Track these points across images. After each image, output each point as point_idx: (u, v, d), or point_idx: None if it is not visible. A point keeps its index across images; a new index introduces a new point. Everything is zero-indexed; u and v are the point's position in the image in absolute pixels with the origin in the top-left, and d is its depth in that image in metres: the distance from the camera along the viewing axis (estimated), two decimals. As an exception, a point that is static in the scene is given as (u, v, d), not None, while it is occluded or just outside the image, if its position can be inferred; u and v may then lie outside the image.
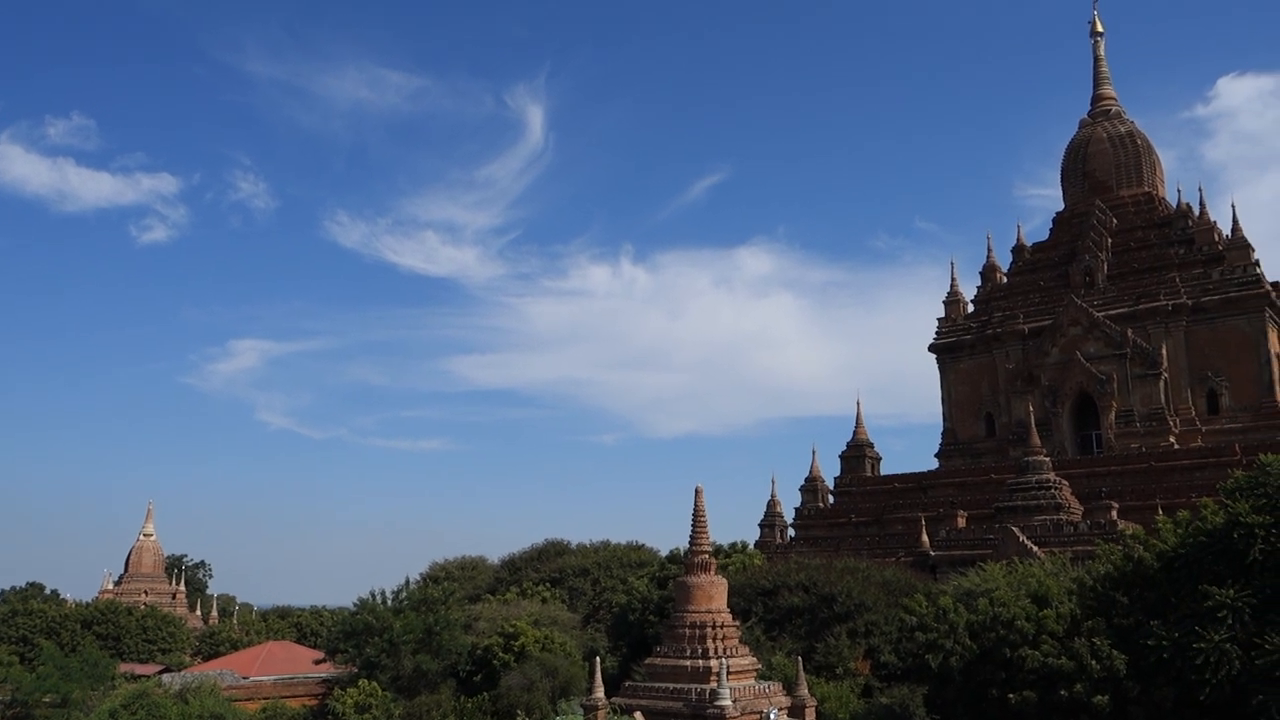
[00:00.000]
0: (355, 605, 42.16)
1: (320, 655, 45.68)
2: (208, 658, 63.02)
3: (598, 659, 23.72)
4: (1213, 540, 20.91)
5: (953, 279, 62.62)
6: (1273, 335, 51.61)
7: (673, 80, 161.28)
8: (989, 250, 63.42)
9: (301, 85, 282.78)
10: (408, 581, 44.86)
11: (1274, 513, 19.97)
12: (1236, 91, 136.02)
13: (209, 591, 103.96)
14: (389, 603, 41.20)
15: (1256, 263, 52.70)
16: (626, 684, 23.74)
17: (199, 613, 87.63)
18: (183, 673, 48.95)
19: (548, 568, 55.08)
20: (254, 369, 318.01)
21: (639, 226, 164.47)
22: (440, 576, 58.32)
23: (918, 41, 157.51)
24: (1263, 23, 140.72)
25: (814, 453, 60.64)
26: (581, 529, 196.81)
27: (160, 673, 51.40)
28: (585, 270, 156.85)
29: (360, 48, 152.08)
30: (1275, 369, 50.81)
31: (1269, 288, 51.74)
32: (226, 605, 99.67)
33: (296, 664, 51.28)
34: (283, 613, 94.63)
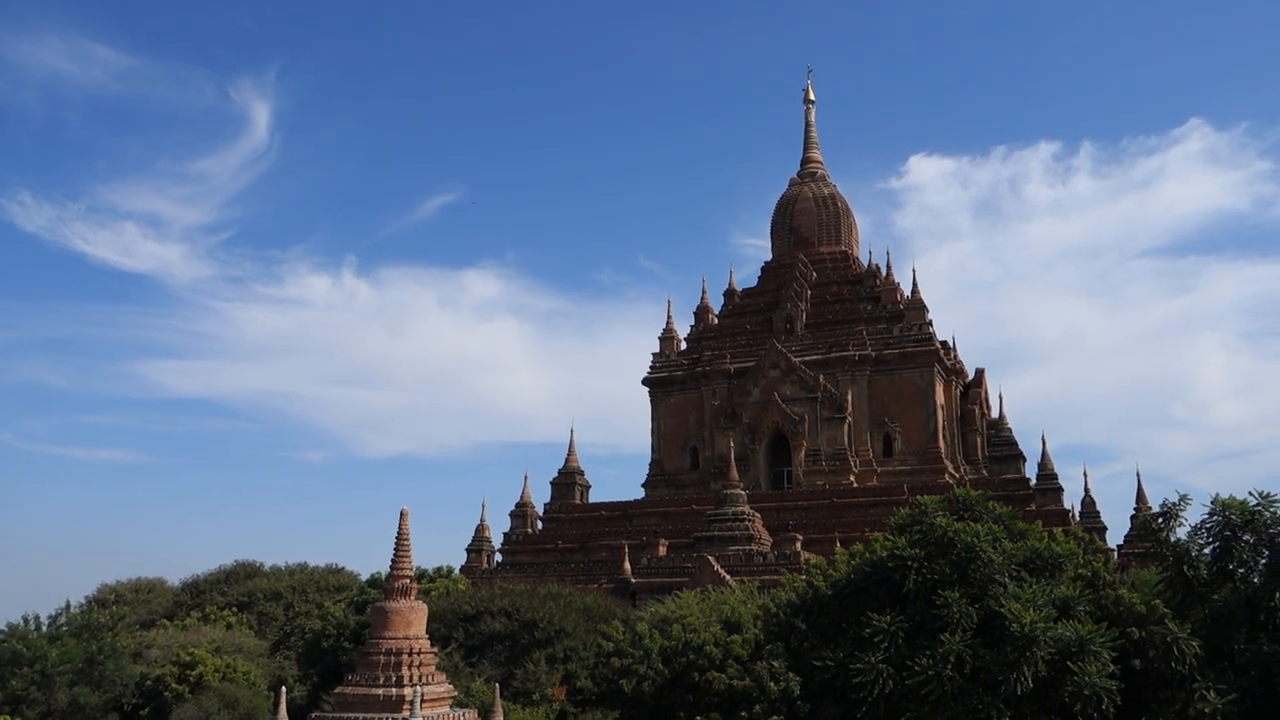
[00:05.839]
0: (2, 632, 37.42)
1: (-47, 689, 40.04)
2: None
3: (284, 689, 22.38)
4: (876, 571, 22.96)
5: (669, 317, 65.49)
6: (939, 388, 57.85)
7: (411, 94, 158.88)
8: (703, 292, 66.95)
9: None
10: (68, 605, 40.46)
11: (928, 547, 22.23)
12: (925, 170, 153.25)
13: None
14: (44, 629, 36.92)
15: (930, 323, 58.99)
16: (314, 715, 22.54)
17: None
18: None
19: (236, 591, 51.56)
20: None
21: (365, 239, 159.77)
22: (109, 600, 53.08)
23: (646, 90, 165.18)
24: (948, 111, 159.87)
25: (526, 478, 60.84)
26: (279, 550, 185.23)
27: None
28: (304, 279, 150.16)
29: (64, 15, 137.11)
30: (940, 419, 56.96)
31: (939, 346, 58.03)
32: None
33: (-78, 700, 44.57)
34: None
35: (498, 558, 57.57)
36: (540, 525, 58.39)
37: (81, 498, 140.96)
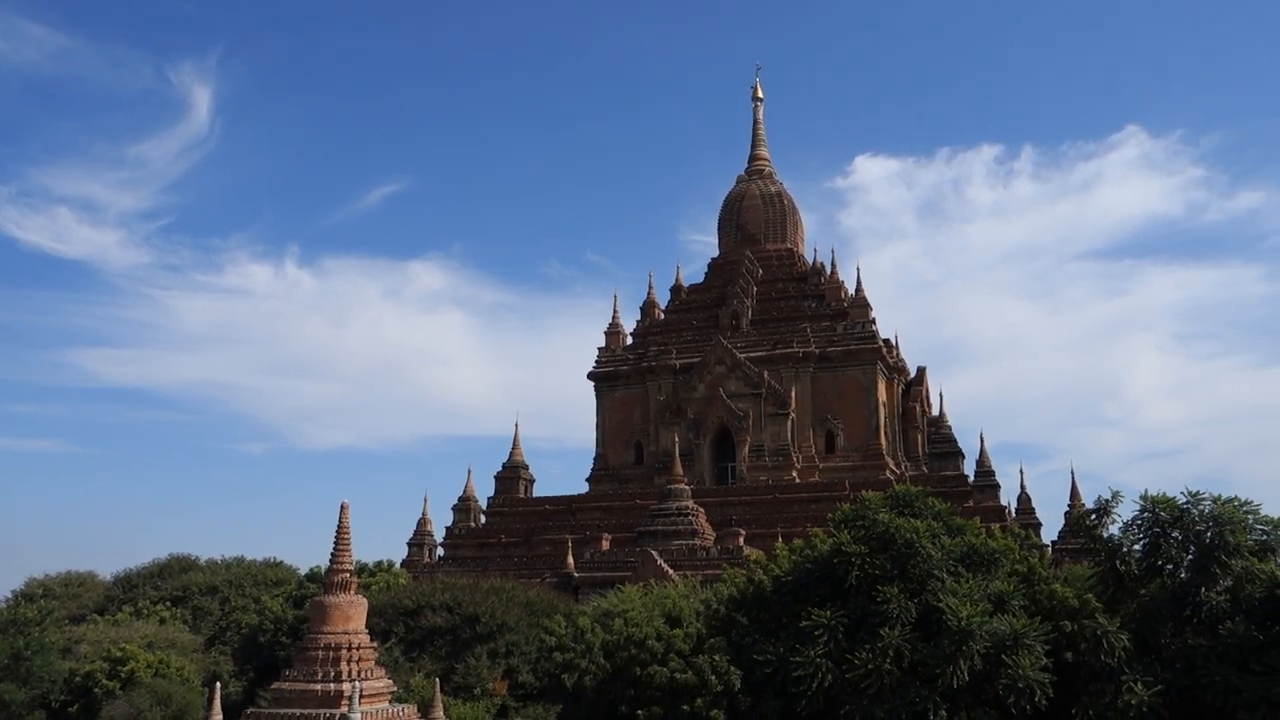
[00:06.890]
0: (-77, 628, 36.23)
1: None
2: None
3: (218, 684, 21.98)
4: (819, 566, 23.22)
5: (615, 311, 65.39)
6: (881, 385, 58.58)
7: (357, 82, 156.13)
8: (650, 287, 67.00)
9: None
10: (-6, 600, 39.38)
11: (869, 543, 22.52)
12: (870, 170, 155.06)
13: None
14: (-32, 624, 35.84)
15: (873, 321, 59.65)
16: (250, 710, 22.15)
17: None
18: None
19: (170, 585, 50.55)
20: None
21: (308, 228, 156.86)
22: (37, 594, 51.72)
23: (596, 85, 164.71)
24: (894, 113, 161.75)
25: (469, 472, 60.77)
26: (215, 544, 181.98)
27: None
28: (244, 268, 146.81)
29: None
30: (881, 416, 57.68)
31: (881, 344, 58.72)
32: None
33: None
34: None
35: (440, 552, 57.12)
36: (483, 519, 58.05)
37: (9, 489, 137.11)
